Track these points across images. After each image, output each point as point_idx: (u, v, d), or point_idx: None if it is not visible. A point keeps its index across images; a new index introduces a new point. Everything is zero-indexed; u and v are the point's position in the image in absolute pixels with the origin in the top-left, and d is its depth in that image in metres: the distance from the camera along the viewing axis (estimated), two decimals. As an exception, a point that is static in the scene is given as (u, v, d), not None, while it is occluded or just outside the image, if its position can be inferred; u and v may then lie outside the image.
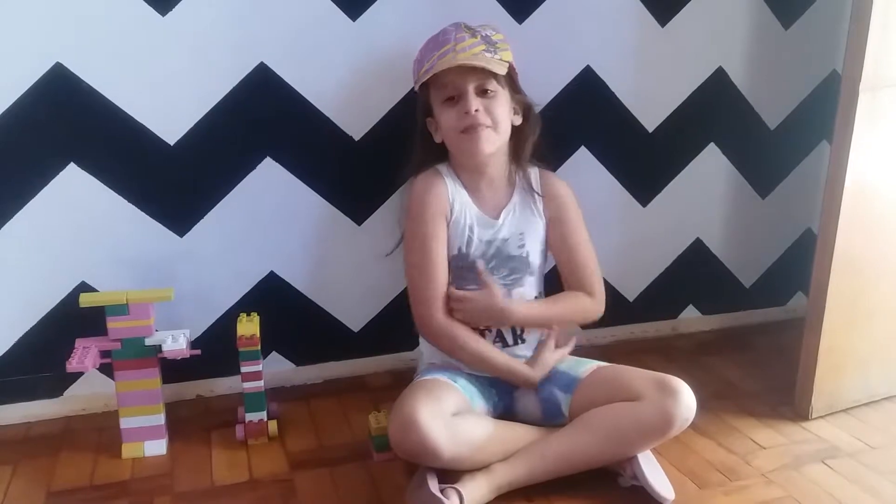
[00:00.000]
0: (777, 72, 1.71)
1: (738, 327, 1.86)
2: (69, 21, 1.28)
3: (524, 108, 1.34)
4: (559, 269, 1.39)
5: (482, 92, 1.26)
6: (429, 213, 1.29)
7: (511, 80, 1.31)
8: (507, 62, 1.29)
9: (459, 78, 1.25)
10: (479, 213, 1.33)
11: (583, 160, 1.62)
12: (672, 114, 1.66)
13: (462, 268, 1.32)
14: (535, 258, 1.35)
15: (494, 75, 1.26)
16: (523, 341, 1.35)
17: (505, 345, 1.34)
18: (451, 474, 1.17)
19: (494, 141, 1.28)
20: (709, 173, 1.73)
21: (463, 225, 1.32)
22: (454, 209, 1.31)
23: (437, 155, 1.35)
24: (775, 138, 1.76)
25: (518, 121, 1.33)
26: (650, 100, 1.64)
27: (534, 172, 1.37)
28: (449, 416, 1.17)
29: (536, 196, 1.35)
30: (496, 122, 1.27)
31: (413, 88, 1.37)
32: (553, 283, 1.40)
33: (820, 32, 1.71)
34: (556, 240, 1.36)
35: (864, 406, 1.48)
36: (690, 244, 1.78)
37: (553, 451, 1.21)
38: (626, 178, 1.66)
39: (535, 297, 1.37)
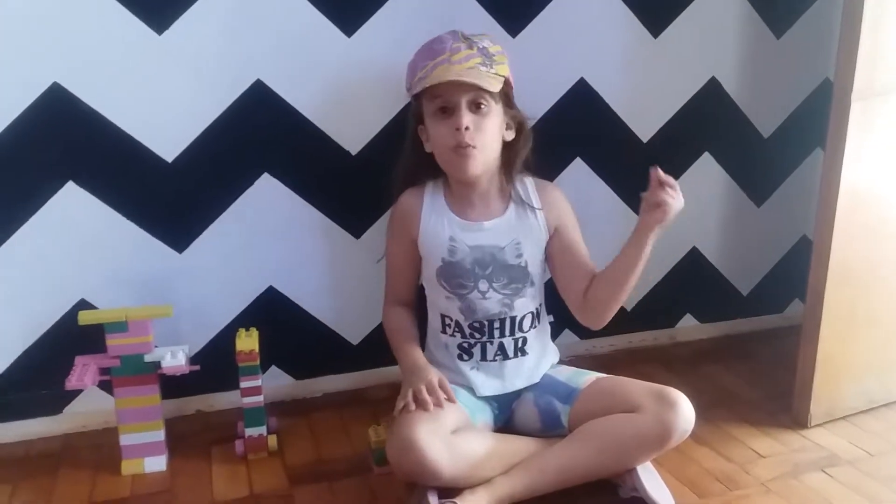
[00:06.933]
0: (770, 81, 1.72)
1: (736, 335, 1.86)
2: (66, 40, 1.29)
3: (517, 123, 1.31)
4: (559, 272, 1.35)
5: (475, 106, 1.23)
6: (392, 229, 1.40)
7: (506, 95, 1.28)
8: (503, 76, 1.25)
9: (453, 90, 1.22)
10: (461, 220, 1.31)
11: (578, 171, 1.63)
12: (666, 124, 1.67)
13: (453, 276, 1.31)
14: (535, 268, 1.33)
15: (488, 90, 1.24)
16: (524, 354, 1.35)
17: (506, 357, 1.33)
18: (451, 488, 1.17)
19: (482, 162, 1.26)
20: (704, 182, 1.74)
21: (441, 236, 1.31)
22: (423, 224, 1.32)
23: (427, 163, 1.32)
24: (769, 146, 1.77)
25: (510, 136, 1.30)
26: (644, 110, 1.65)
27: (529, 183, 1.35)
28: (448, 434, 1.16)
29: (534, 207, 1.33)
30: (485, 142, 1.24)
31: (409, 96, 1.33)
32: (552, 293, 1.41)
33: (812, 41, 1.72)
34: (557, 246, 1.34)
35: (862, 413, 1.48)
36: (687, 253, 1.78)
37: (552, 463, 1.21)
38: (622, 188, 1.67)
39: (536, 309, 1.36)
